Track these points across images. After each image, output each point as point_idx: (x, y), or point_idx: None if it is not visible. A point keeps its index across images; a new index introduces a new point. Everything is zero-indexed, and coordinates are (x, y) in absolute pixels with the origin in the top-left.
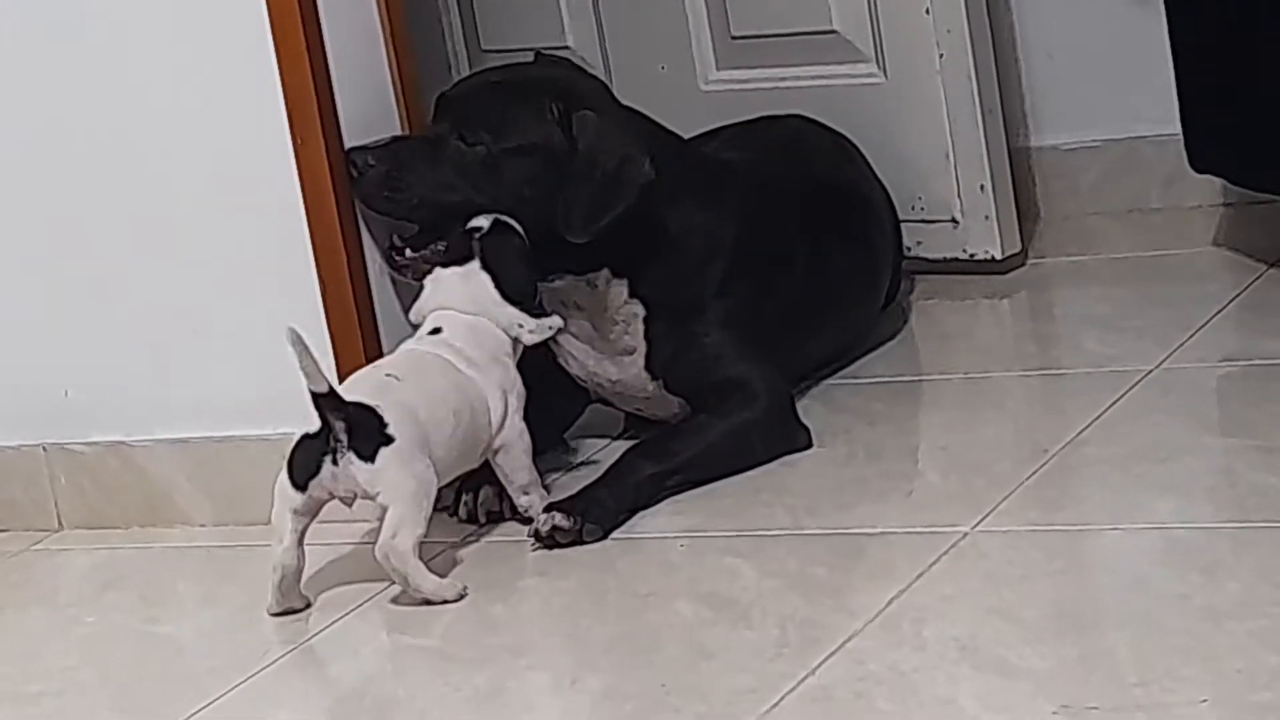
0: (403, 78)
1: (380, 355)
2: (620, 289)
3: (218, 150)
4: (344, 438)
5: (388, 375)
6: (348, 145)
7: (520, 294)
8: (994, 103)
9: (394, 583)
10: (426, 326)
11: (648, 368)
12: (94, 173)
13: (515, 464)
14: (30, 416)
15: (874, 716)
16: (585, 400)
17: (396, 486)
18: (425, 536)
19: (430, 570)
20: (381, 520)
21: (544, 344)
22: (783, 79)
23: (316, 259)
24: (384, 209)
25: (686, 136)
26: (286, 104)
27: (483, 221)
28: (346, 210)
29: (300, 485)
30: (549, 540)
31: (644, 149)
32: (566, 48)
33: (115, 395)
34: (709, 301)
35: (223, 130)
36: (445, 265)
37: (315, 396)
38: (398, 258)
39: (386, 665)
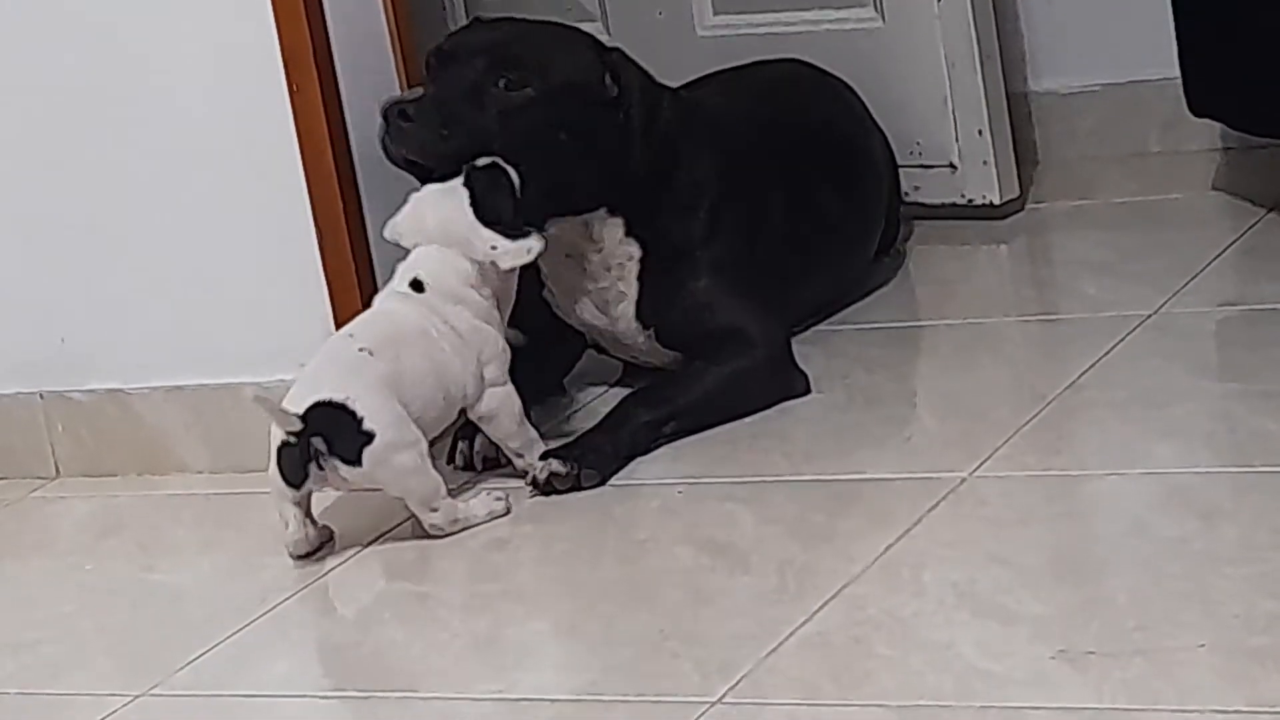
0: (398, 23)
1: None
2: (616, 228)
3: (214, 97)
4: (324, 448)
5: (360, 350)
6: (344, 93)
7: (497, 215)
8: (992, 47)
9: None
10: (403, 276)
11: (638, 316)
12: (89, 119)
13: (503, 432)
14: (27, 364)
15: (872, 661)
16: (583, 345)
17: (396, 478)
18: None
19: (468, 502)
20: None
21: (538, 289)
22: (779, 24)
23: (313, 205)
24: (430, 160)
25: (682, 81)
26: (282, 51)
27: (483, 161)
28: (342, 157)
29: (295, 485)
30: (547, 487)
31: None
32: None
33: (112, 342)
34: (699, 247)
35: (219, 77)
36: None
37: (289, 435)
38: None
39: (384, 612)
